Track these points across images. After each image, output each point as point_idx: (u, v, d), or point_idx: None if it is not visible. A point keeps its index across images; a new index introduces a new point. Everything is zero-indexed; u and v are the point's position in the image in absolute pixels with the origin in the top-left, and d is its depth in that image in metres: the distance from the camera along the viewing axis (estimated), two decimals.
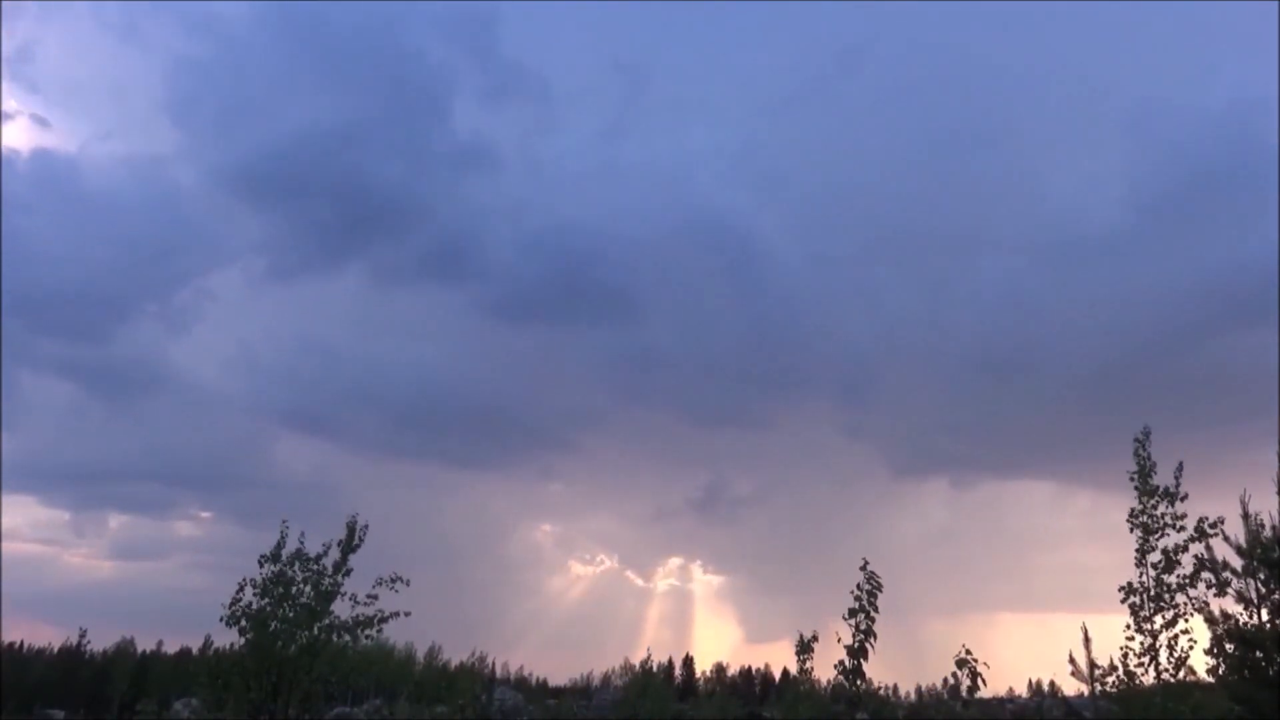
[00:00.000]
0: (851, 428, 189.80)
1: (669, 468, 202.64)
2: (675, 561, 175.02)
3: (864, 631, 8.74)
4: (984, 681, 8.61)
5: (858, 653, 8.69)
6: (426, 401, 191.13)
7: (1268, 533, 12.47)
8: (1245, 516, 12.61)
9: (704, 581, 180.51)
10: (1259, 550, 12.29)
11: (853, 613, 8.81)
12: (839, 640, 8.92)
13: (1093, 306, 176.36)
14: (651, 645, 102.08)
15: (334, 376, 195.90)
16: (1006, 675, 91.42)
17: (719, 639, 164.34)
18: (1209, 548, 11.04)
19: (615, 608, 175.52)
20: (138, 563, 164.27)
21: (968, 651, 8.69)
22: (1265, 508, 12.59)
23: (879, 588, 8.87)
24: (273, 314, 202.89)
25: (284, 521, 12.86)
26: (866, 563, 9.00)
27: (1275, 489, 12.61)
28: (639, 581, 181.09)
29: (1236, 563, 12.42)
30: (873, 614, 8.79)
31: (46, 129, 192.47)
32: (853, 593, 8.88)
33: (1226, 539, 12.34)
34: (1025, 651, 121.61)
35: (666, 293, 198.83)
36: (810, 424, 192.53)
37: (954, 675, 8.90)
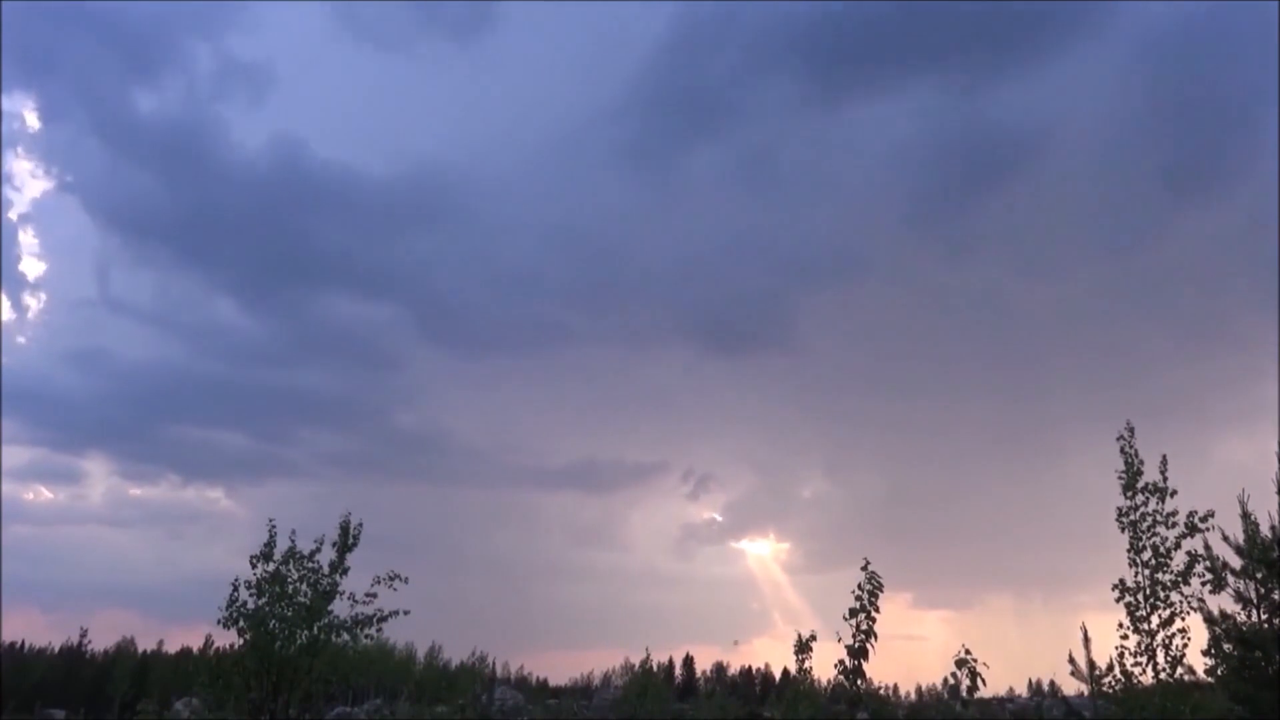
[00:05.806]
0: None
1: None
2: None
3: (864, 631, 8.77)
4: (983, 681, 8.63)
5: (858, 653, 8.72)
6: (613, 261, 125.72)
7: (1265, 532, 12.49)
8: (1244, 516, 12.62)
9: None
10: (1257, 550, 12.31)
11: (853, 612, 8.84)
12: (839, 640, 8.95)
13: None
14: None
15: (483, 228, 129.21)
16: (1010, 675, 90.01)
17: None
18: (1206, 545, 11.03)
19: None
20: (182, 543, 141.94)
21: (967, 651, 8.71)
22: (1264, 508, 12.62)
23: (880, 587, 8.91)
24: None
25: (271, 520, 12.96)
26: (867, 563, 9.04)
27: (1275, 489, 12.64)
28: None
29: (1234, 561, 12.44)
30: (874, 614, 8.82)
31: None
32: (853, 592, 8.91)
33: (1226, 538, 12.38)
34: None
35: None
36: None
37: (953, 675, 8.92)
